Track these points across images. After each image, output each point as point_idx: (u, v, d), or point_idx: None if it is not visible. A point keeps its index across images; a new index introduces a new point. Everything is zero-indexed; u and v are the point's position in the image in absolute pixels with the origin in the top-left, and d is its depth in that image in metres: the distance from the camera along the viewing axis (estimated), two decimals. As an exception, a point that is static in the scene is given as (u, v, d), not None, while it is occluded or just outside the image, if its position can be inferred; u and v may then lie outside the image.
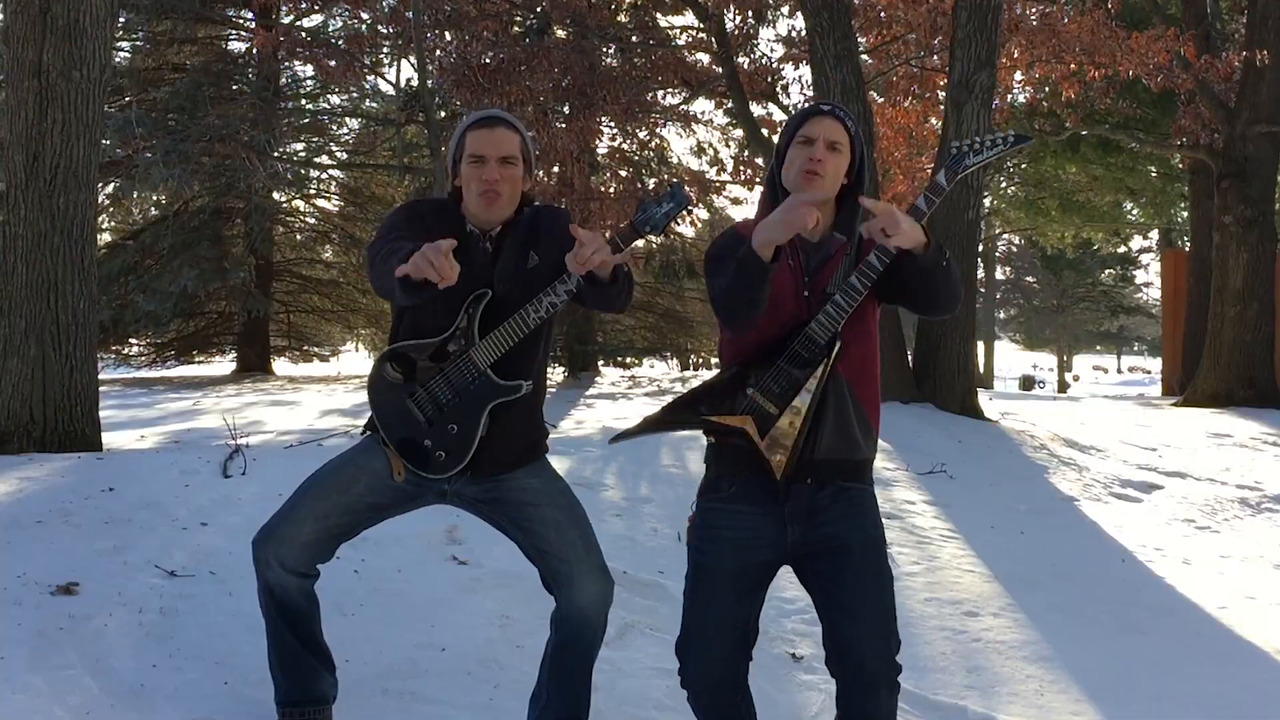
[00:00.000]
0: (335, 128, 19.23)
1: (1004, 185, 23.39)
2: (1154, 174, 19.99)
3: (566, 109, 13.36)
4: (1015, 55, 12.65)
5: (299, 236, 20.09)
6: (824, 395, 2.35)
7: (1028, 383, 34.89)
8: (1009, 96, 14.59)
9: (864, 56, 12.81)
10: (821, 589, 2.43)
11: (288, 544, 2.64)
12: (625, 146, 16.15)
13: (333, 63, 13.63)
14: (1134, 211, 23.77)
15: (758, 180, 15.16)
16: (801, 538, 2.42)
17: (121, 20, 14.74)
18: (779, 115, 14.71)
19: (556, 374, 16.94)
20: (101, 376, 9.97)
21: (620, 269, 2.52)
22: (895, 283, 2.38)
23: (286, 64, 16.72)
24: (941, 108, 10.51)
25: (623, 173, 16.27)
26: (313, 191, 18.98)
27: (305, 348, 20.97)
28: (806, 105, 2.53)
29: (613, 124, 14.38)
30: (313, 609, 2.76)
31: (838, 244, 2.46)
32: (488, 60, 12.51)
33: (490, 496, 2.71)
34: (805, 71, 13.52)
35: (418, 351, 2.66)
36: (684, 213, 2.58)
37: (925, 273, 2.32)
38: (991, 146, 2.41)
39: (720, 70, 13.09)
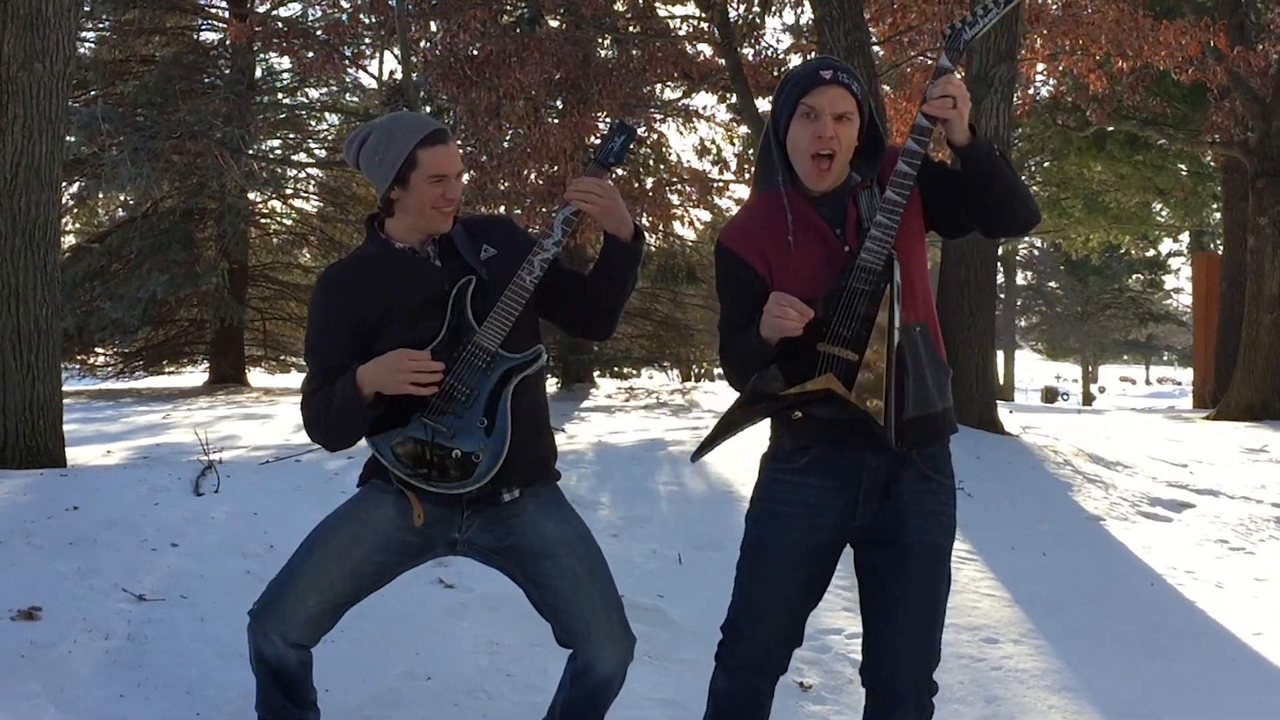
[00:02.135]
0: (314, 123, 19.24)
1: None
2: (1184, 173, 20.03)
3: (559, 103, 13.38)
4: (1037, 47, 12.69)
5: (275, 239, 20.10)
6: (897, 337, 2.29)
7: (1050, 394, 34.92)
8: (1030, 90, 14.62)
9: (875, 48, 12.85)
10: (870, 585, 2.43)
11: (291, 619, 2.60)
12: (621, 143, 16.16)
13: (311, 54, 13.62)
14: (1163, 213, 23.81)
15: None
16: (871, 519, 2.39)
17: (86, 9, 14.77)
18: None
19: (550, 386, 16.93)
20: (65, 388, 9.97)
21: (640, 230, 2.59)
22: (949, 200, 2.35)
23: (262, 55, 16.78)
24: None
25: (619, 170, 16.29)
26: (290, 191, 18.99)
27: (282, 358, 20.90)
28: (805, 63, 2.41)
29: (608, 119, 14.41)
30: (306, 673, 2.73)
31: (853, 184, 2.40)
32: (475, 52, 12.54)
33: (504, 545, 2.65)
34: (813, 64, 13.54)
35: None
36: (635, 140, 2.64)
37: (977, 165, 2.28)
38: (985, 12, 2.35)
39: (723, 62, 13.12)
